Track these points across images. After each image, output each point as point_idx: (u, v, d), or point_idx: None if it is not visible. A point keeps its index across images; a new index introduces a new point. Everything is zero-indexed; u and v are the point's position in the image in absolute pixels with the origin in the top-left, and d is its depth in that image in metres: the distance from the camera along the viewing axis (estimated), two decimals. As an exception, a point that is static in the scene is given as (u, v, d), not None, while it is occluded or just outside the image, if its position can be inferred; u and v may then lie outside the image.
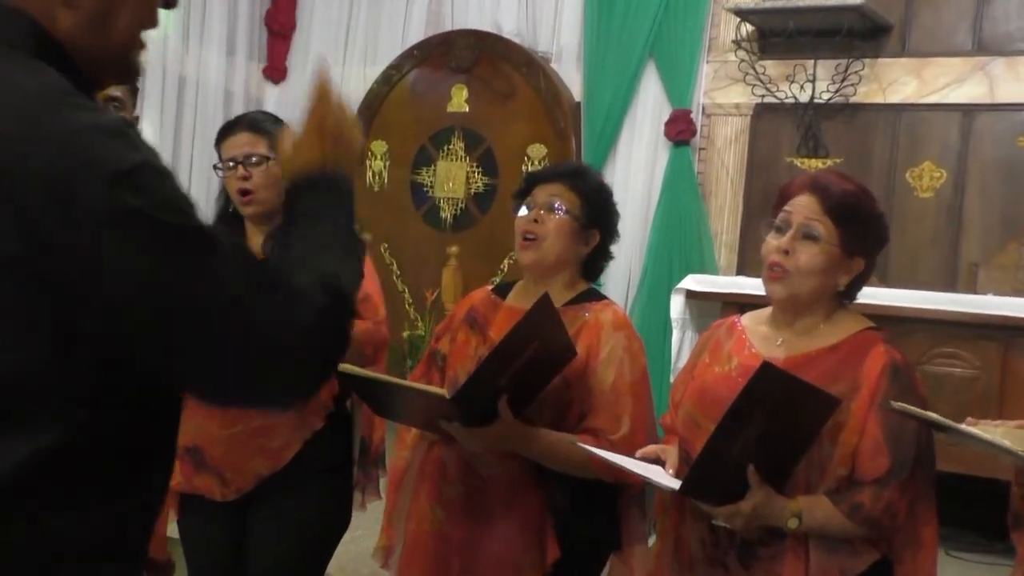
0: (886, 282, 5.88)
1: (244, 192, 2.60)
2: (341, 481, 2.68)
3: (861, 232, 2.09)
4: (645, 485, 2.28)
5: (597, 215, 2.43)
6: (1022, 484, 1.99)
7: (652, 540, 2.33)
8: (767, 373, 1.86)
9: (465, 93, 7.40)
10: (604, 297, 2.45)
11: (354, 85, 7.71)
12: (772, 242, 2.10)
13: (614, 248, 7.25)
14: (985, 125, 5.97)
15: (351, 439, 2.69)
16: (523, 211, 2.42)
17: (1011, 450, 1.78)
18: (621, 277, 6.73)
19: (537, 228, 2.38)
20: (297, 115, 2.75)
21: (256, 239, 2.65)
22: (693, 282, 5.35)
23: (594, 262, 2.48)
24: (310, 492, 2.59)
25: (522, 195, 2.45)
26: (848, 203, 2.08)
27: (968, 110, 5.98)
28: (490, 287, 2.57)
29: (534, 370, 2.15)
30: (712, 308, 5.15)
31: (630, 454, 2.24)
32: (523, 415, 2.20)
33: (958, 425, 1.87)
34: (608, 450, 2.22)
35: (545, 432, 2.25)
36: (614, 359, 2.31)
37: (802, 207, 2.09)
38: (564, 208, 2.38)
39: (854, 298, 2.18)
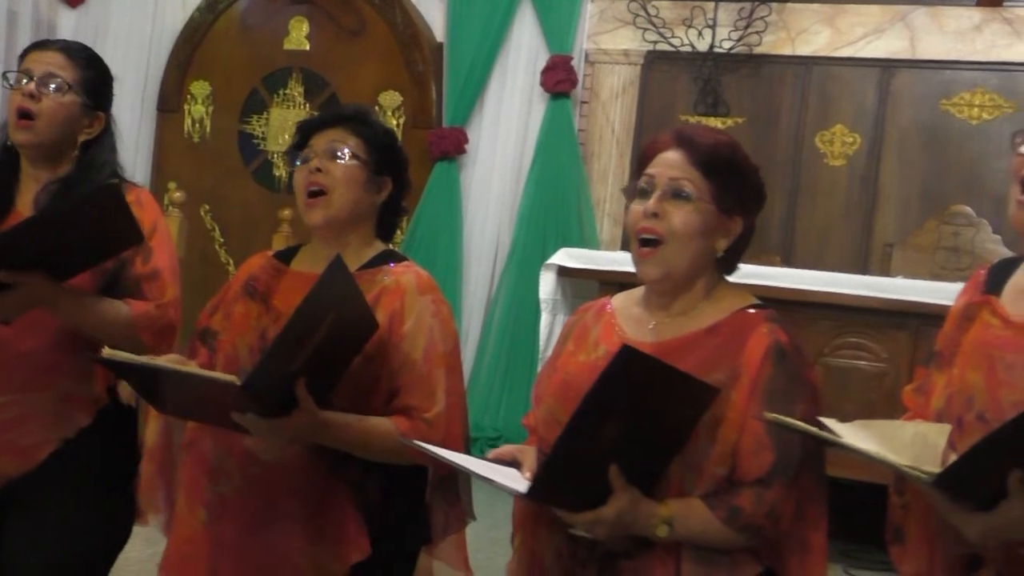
0: (790, 262, 6.03)
1: (25, 114, 2.54)
2: (115, 489, 2.60)
3: (735, 186, 2.11)
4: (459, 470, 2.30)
5: (386, 160, 2.46)
6: (902, 493, 2.04)
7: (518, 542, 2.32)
8: (626, 358, 1.84)
9: (306, 27, 7.29)
10: (405, 258, 2.47)
11: (171, 13, 7.53)
12: (637, 208, 2.12)
13: (479, 218, 7.25)
14: (905, 84, 6.16)
15: (133, 439, 2.63)
16: (301, 163, 2.44)
17: (893, 463, 1.81)
18: (487, 251, 6.74)
19: (322, 179, 2.39)
20: (97, 47, 2.72)
21: (30, 187, 2.59)
22: (566, 257, 5.38)
23: (387, 218, 2.51)
24: (72, 501, 2.52)
25: (297, 147, 2.47)
26: (719, 154, 2.10)
27: (886, 66, 6.16)
28: (270, 252, 2.56)
29: (333, 348, 2.13)
30: (589, 288, 5.19)
31: (448, 434, 2.27)
32: (326, 401, 2.19)
33: (835, 438, 1.90)
34: (424, 431, 2.24)
35: (355, 419, 2.24)
36: (422, 327, 2.33)
37: (667, 165, 2.10)
38: (349, 153, 2.41)
39: (735, 268, 2.20)
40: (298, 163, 2.44)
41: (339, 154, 2.40)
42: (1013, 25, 5.92)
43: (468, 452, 2.33)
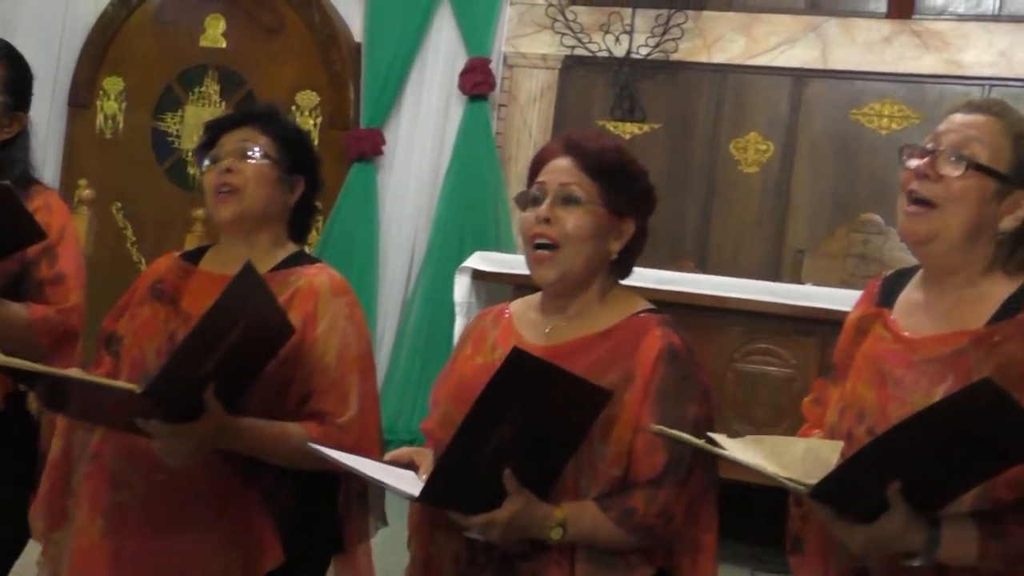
0: (705, 268, 6.12)
1: None
2: (9, 496, 2.57)
3: (625, 188, 2.18)
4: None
5: (298, 159, 2.45)
6: (801, 504, 2.09)
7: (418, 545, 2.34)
8: (518, 361, 1.88)
9: (222, 25, 7.25)
10: (317, 260, 2.46)
11: (83, 7, 7.43)
12: (529, 215, 2.17)
13: (396, 220, 7.14)
14: (817, 93, 6.27)
15: (32, 448, 2.59)
16: (210, 164, 2.42)
17: (772, 475, 1.85)
18: (403, 254, 6.75)
19: (233, 179, 2.37)
20: (5, 39, 2.69)
21: None
22: (481, 261, 5.41)
23: (300, 218, 2.49)
24: None
25: (206, 147, 2.45)
26: (606, 158, 2.17)
27: (799, 75, 6.27)
28: (178, 253, 2.53)
29: (245, 353, 2.12)
30: (503, 291, 5.20)
31: (361, 438, 2.27)
32: (238, 405, 2.19)
33: (719, 450, 1.95)
34: (336, 436, 2.24)
35: (264, 424, 2.23)
36: (336, 330, 2.33)
37: (557, 171, 2.17)
38: (260, 152, 2.40)
39: (629, 271, 2.26)
40: (207, 163, 2.41)
41: (250, 153, 2.38)
42: (921, 37, 6.06)
43: (382, 456, 2.32)
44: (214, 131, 2.45)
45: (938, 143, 1.95)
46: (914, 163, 1.97)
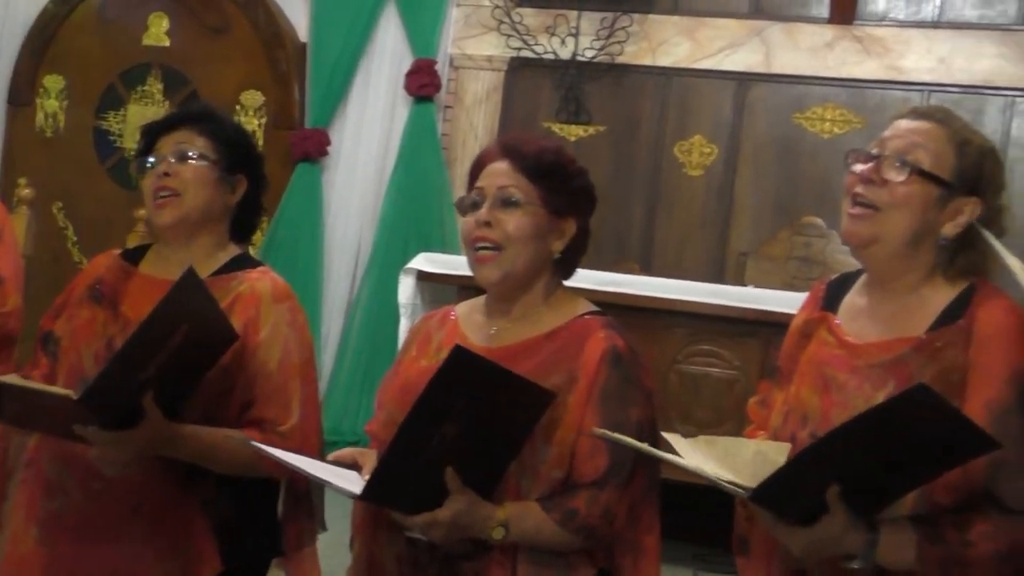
0: (649, 270, 6.14)
1: None
2: None
3: (563, 188, 2.18)
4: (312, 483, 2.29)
5: (239, 157, 2.43)
6: (747, 505, 2.10)
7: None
8: (459, 359, 1.89)
9: (166, 23, 7.18)
10: (260, 263, 2.44)
11: (23, 3, 7.33)
12: (470, 220, 2.17)
13: (341, 221, 7.11)
14: (760, 97, 6.32)
15: None
16: (149, 167, 2.39)
17: (713, 478, 1.86)
18: (348, 255, 6.72)
19: (172, 182, 2.35)
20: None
21: None
22: (425, 262, 5.40)
23: (244, 218, 2.47)
24: None
25: (144, 151, 2.42)
26: (544, 159, 2.18)
27: (743, 79, 6.31)
28: (118, 252, 2.49)
29: (186, 359, 2.11)
30: (448, 292, 5.20)
31: (303, 446, 2.26)
32: (178, 413, 2.16)
33: (660, 453, 1.96)
34: (278, 444, 2.22)
35: (205, 431, 2.22)
36: (278, 336, 2.32)
37: (495, 175, 2.18)
38: (198, 153, 2.37)
39: (573, 271, 2.27)
40: (148, 164, 2.38)
41: (188, 155, 2.36)
42: (863, 43, 6.12)
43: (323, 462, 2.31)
44: (151, 135, 2.43)
45: (883, 148, 1.97)
46: (859, 167, 1.98)
